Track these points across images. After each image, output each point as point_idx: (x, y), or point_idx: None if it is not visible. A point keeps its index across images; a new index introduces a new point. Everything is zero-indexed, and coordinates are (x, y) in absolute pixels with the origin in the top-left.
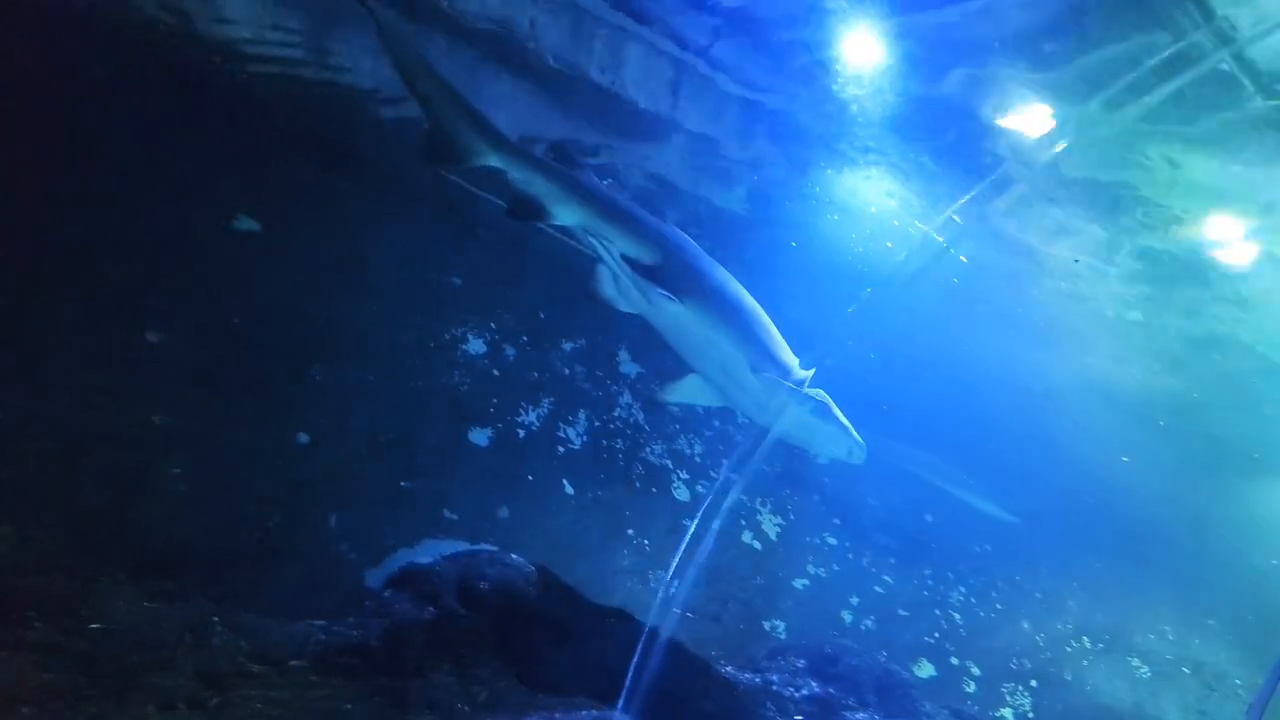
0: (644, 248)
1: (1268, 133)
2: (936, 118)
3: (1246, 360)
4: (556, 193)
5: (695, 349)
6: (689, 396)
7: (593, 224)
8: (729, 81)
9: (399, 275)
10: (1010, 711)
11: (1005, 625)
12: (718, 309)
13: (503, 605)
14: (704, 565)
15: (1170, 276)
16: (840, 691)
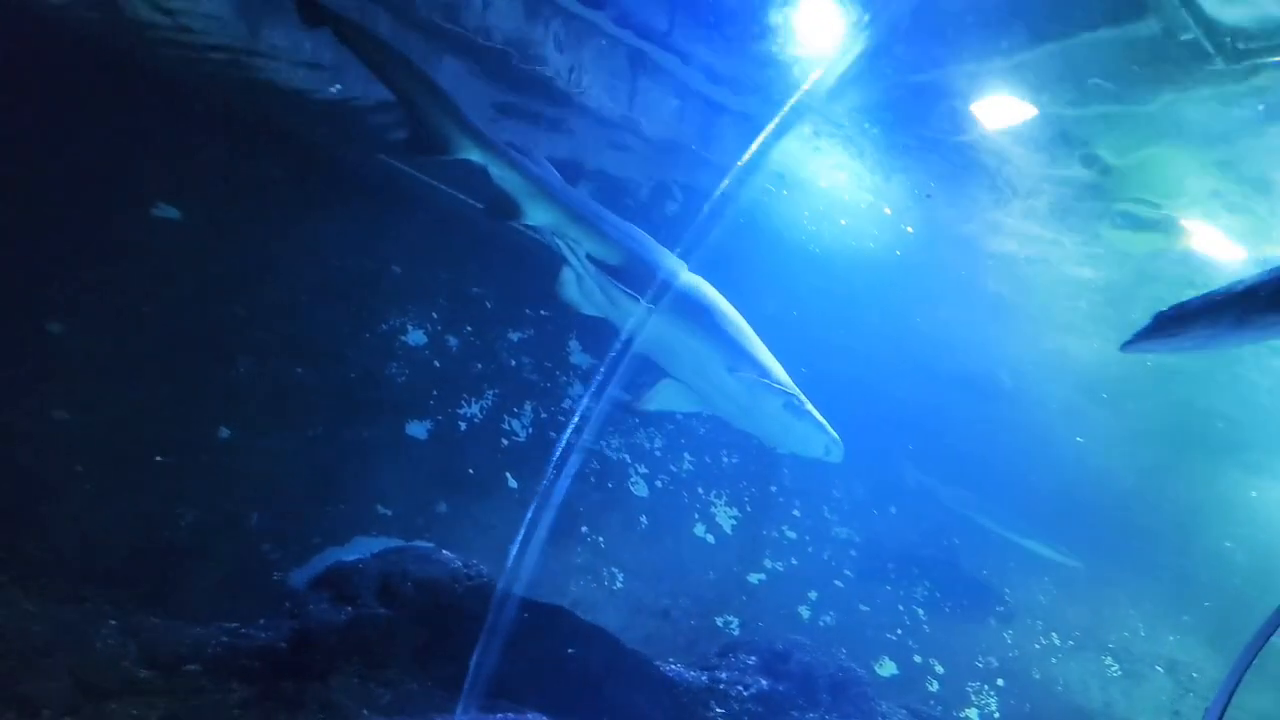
0: (611, 249)
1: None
2: (894, 91)
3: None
4: (530, 191)
5: (667, 352)
6: (667, 403)
7: (561, 225)
8: (679, 65)
9: (333, 263)
10: (975, 712)
11: (972, 621)
12: (688, 310)
13: (427, 604)
14: (656, 560)
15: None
16: (791, 690)
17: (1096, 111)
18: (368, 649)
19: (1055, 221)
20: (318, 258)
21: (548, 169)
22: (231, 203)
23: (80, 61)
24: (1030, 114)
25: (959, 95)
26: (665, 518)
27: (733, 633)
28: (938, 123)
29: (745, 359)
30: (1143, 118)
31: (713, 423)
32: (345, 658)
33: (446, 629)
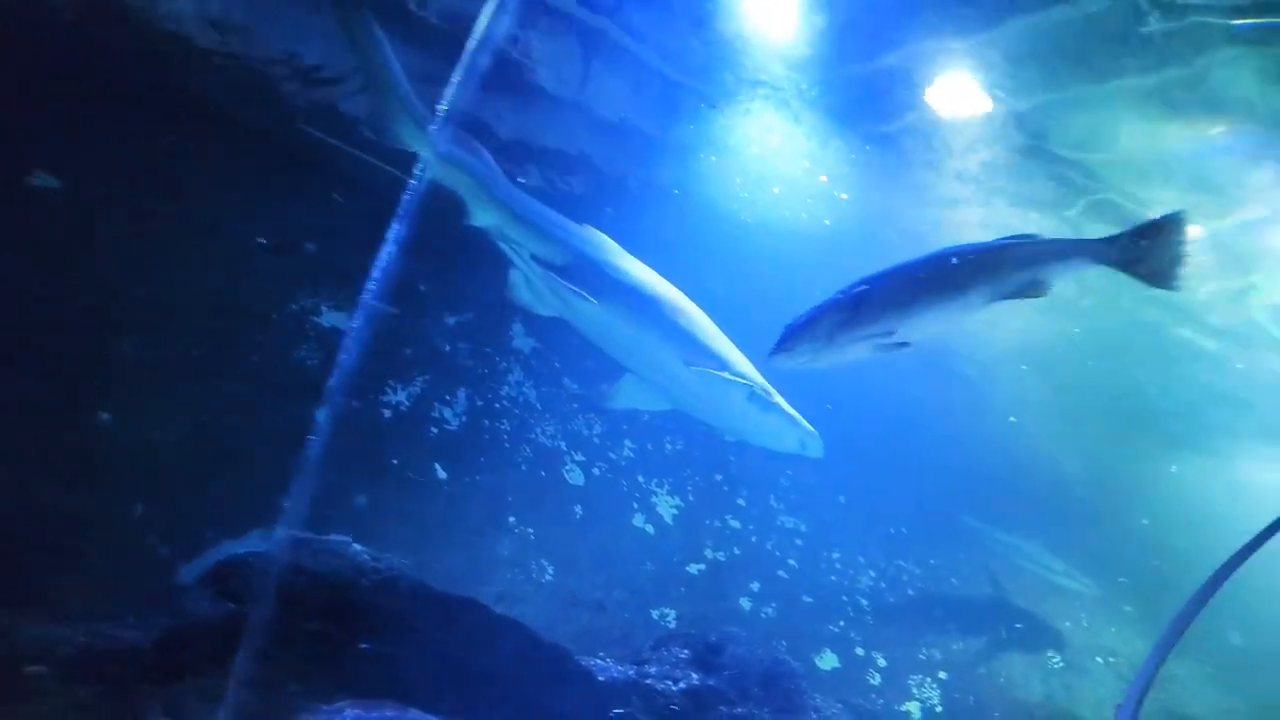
0: (557, 248)
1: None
2: (836, 53)
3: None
4: (473, 191)
5: (623, 348)
6: (632, 400)
7: (504, 226)
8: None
9: (238, 240)
10: (917, 706)
11: (916, 612)
12: (641, 305)
13: (323, 601)
14: (591, 552)
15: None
16: (721, 684)
17: (1043, 93)
18: (246, 648)
19: (992, 196)
20: (220, 232)
21: (493, 168)
22: (119, 171)
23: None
24: (976, 92)
25: (908, 71)
26: (602, 507)
27: (669, 625)
28: (882, 92)
29: (703, 352)
30: (1091, 99)
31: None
32: (217, 658)
33: (343, 627)
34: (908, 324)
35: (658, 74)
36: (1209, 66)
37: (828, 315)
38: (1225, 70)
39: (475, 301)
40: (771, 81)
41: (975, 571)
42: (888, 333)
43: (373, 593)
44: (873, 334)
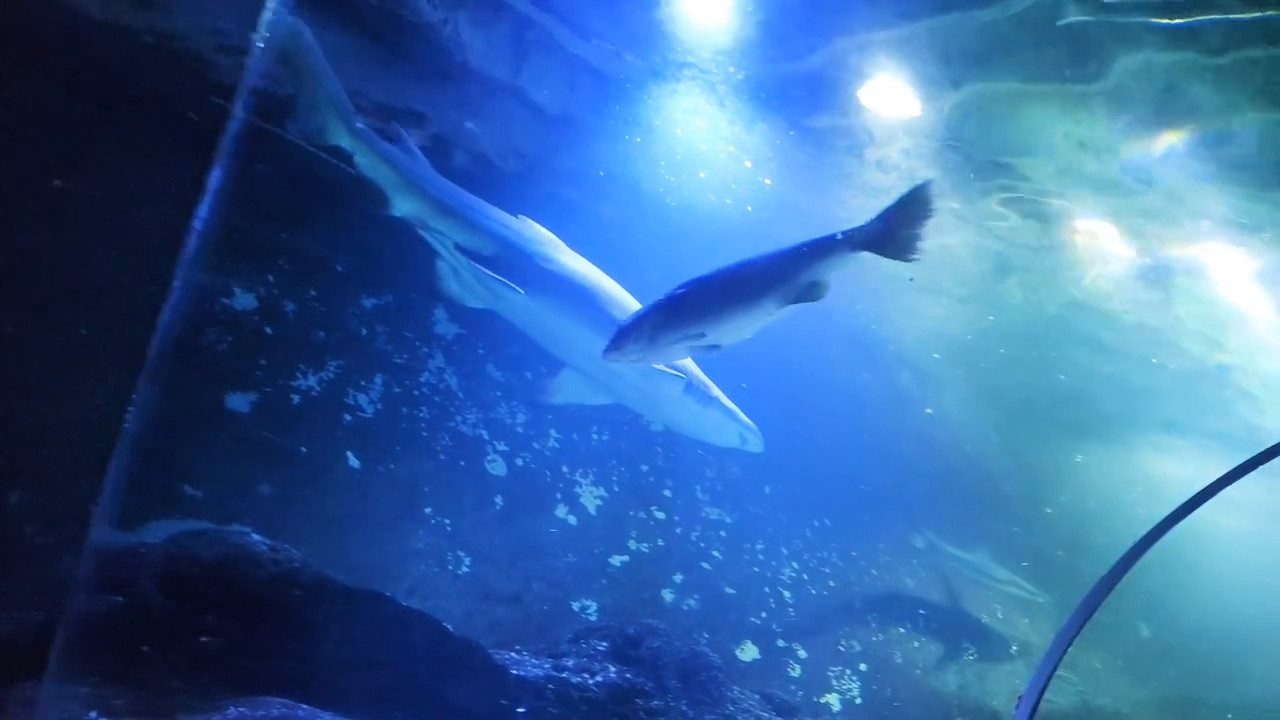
0: (483, 238)
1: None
2: (764, 39)
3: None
4: (396, 183)
5: (556, 341)
6: (572, 395)
7: (427, 216)
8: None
9: (138, 215)
10: (836, 697)
11: (837, 604)
12: (572, 296)
13: (217, 593)
14: (510, 543)
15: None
16: (638, 676)
17: (967, 88)
18: (125, 644)
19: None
20: (119, 207)
21: (416, 156)
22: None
23: None
24: (900, 84)
25: (834, 61)
26: (524, 498)
27: (590, 618)
28: (807, 80)
29: None
30: (1012, 96)
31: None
32: (93, 653)
33: (236, 621)
34: (714, 328)
35: (584, 53)
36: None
37: (650, 317)
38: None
39: (396, 284)
40: (699, 64)
41: (895, 562)
42: (699, 335)
43: (269, 586)
44: (686, 336)
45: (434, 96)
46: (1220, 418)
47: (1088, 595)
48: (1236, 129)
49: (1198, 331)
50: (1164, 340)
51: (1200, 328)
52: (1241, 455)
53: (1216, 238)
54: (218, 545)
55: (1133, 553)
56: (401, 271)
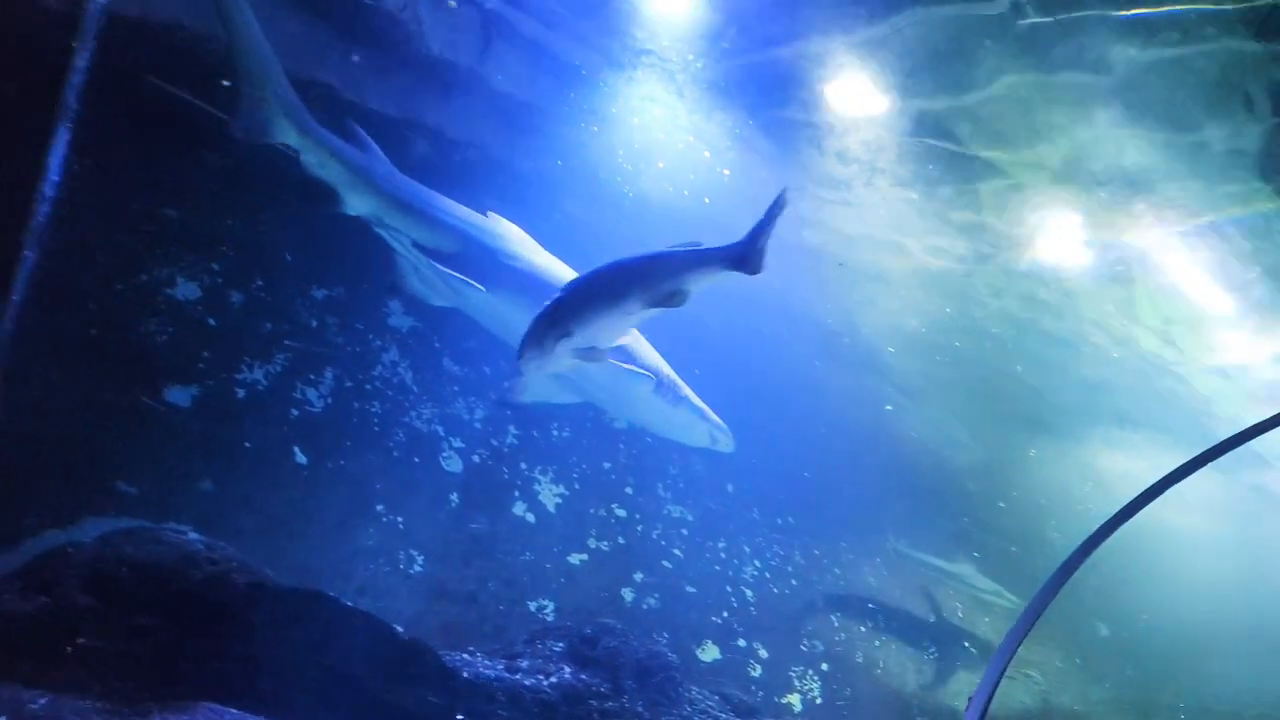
0: (444, 235)
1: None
2: (726, 29)
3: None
4: (349, 180)
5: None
6: (540, 394)
7: (385, 214)
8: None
9: (75, 201)
10: (797, 697)
11: (799, 603)
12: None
13: (148, 593)
14: (465, 542)
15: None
16: (594, 677)
17: (931, 84)
18: (50, 645)
19: (875, 176)
20: (58, 195)
21: (373, 153)
22: None
23: None
24: (863, 76)
25: (797, 52)
26: (480, 495)
27: (547, 618)
28: (769, 70)
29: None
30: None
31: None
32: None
33: (167, 622)
34: (586, 330)
35: (543, 39)
36: (1088, 60)
37: (540, 322)
38: (1100, 62)
39: (348, 275)
40: (659, 52)
41: (858, 560)
42: (572, 336)
43: (204, 586)
44: (565, 339)
45: (389, 84)
46: (1171, 411)
47: (1035, 596)
48: (1196, 122)
49: (1154, 327)
50: (1119, 333)
51: (1156, 322)
52: (1192, 450)
53: (1175, 230)
54: (151, 544)
55: (1079, 553)
56: (354, 262)
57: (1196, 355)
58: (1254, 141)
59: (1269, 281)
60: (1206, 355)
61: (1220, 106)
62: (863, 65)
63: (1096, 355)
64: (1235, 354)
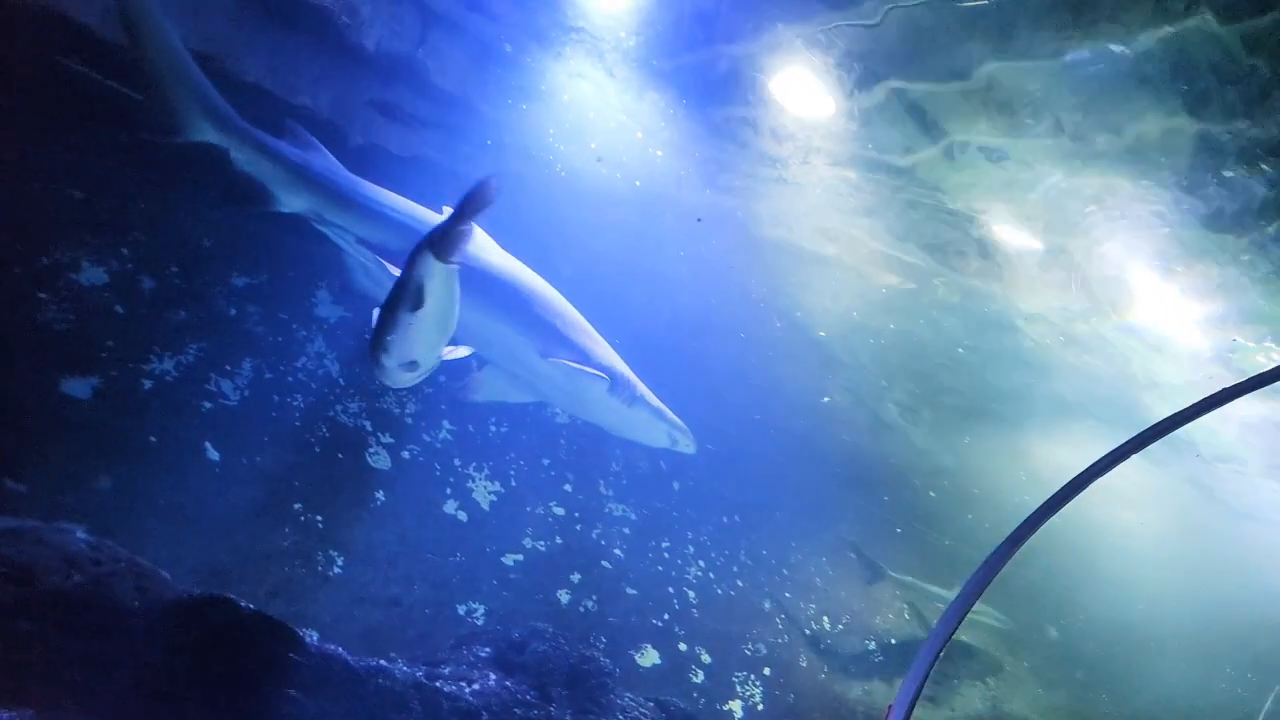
0: (391, 232)
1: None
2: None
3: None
4: (283, 177)
5: (475, 338)
6: (494, 393)
7: (326, 211)
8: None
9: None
10: (739, 704)
11: (745, 606)
12: (491, 292)
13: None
14: (390, 542)
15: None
16: (520, 685)
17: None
18: None
19: (810, 155)
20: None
21: (313, 151)
22: None
23: None
24: (810, 74)
25: (731, 31)
26: (409, 493)
27: (476, 622)
28: (700, 44)
29: (560, 342)
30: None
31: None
32: None
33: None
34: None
35: (472, 23)
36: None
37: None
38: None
39: (273, 262)
40: (590, 30)
41: (805, 561)
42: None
43: (85, 589)
44: (384, 353)
45: (319, 69)
46: (1111, 398)
47: (957, 596)
48: (1140, 123)
49: (1095, 312)
50: (1059, 325)
51: (1097, 313)
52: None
53: (1119, 224)
54: (32, 545)
55: (1002, 551)
56: (280, 249)
57: (1142, 342)
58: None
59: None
60: (1153, 345)
61: (1165, 104)
62: (803, 47)
63: (1039, 343)
64: (1166, 325)
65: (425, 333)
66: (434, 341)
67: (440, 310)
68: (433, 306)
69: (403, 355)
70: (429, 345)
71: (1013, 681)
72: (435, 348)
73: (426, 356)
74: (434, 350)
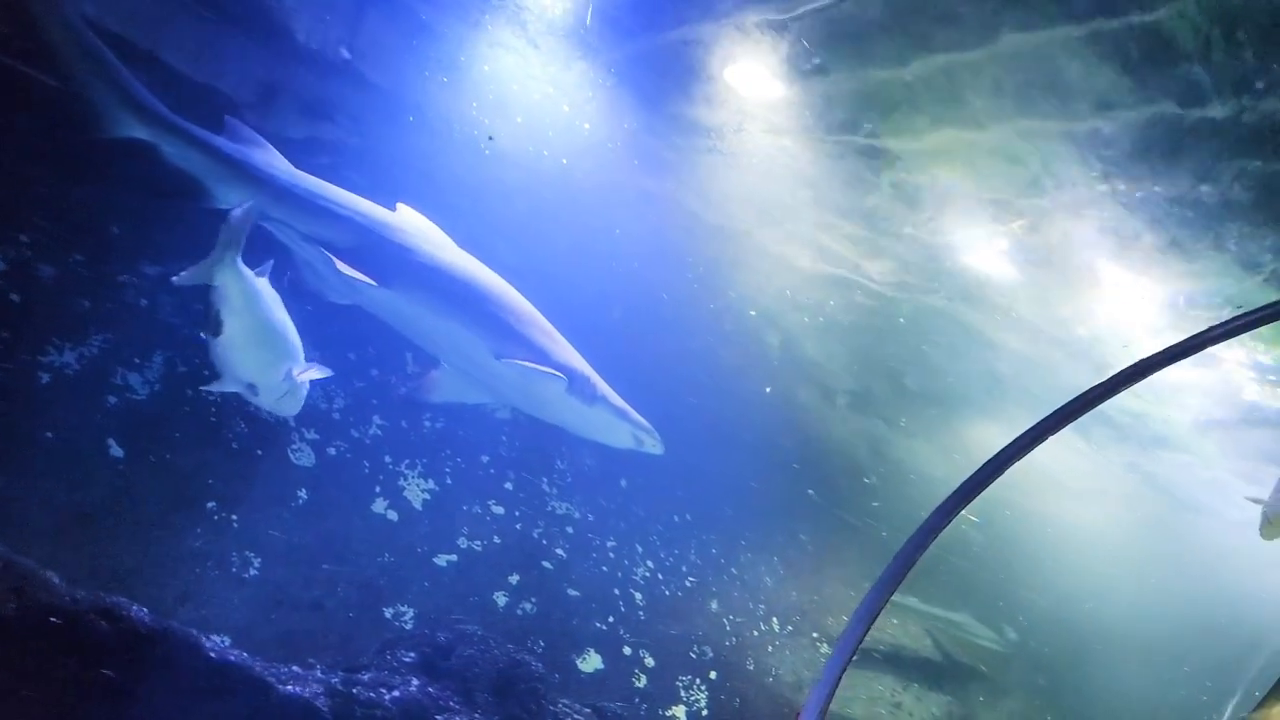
0: (338, 228)
1: None
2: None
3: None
4: (219, 171)
5: (428, 338)
6: (451, 394)
7: (268, 206)
8: None
9: None
10: (682, 710)
11: (692, 606)
12: (441, 290)
13: None
14: (313, 543)
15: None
16: (444, 690)
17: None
18: None
19: (745, 121)
20: None
21: (252, 144)
22: None
23: None
24: (747, 40)
25: (678, 15)
26: (335, 492)
27: (405, 626)
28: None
29: (514, 341)
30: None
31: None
32: None
33: None
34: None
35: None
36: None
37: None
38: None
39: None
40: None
41: (756, 560)
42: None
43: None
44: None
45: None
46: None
47: (865, 598)
48: (1106, 100)
49: (1047, 294)
50: (1005, 306)
51: (1051, 294)
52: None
53: (1080, 206)
54: None
55: (908, 551)
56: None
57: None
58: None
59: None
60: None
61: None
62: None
63: (988, 322)
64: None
65: (244, 354)
66: (262, 361)
67: (250, 329)
68: (238, 327)
69: (236, 379)
70: (258, 366)
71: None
72: (270, 366)
73: (263, 377)
74: (269, 369)
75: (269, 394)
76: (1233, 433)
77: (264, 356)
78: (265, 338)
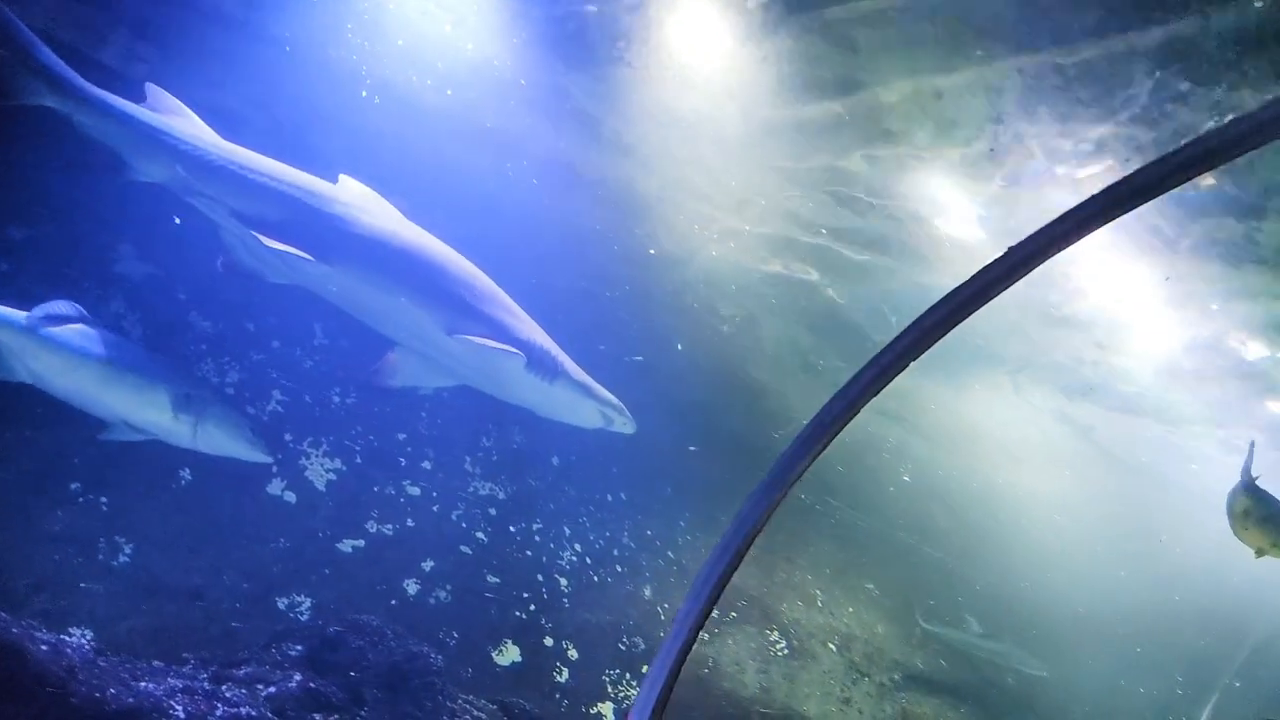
0: (269, 203)
1: None
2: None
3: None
4: (138, 144)
5: (377, 316)
6: (410, 378)
7: (193, 180)
8: None
9: None
10: (609, 706)
11: (623, 594)
12: (385, 264)
13: None
14: (197, 526)
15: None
16: (329, 686)
17: None
18: None
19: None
20: None
21: (174, 113)
22: None
23: None
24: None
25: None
26: (224, 472)
27: (300, 617)
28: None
29: (468, 316)
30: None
31: (322, 355)
32: None
33: None
34: None
35: None
36: None
37: None
38: None
39: (62, 210)
40: None
41: (695, 542)
42: None
43: None
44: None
45: None
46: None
47: (692, 589)
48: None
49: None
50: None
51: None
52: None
53: (1064, 179)
54: None
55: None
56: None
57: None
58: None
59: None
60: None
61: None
62: None
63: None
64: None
65: (98, 405)
66: (125, 403)
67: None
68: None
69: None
70: (125, 409)
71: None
72: (140, 408)
73: (141, 418)
74: (142, 410)
75: (171, 434)
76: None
77: (121, 399)
78: (105, 384)
